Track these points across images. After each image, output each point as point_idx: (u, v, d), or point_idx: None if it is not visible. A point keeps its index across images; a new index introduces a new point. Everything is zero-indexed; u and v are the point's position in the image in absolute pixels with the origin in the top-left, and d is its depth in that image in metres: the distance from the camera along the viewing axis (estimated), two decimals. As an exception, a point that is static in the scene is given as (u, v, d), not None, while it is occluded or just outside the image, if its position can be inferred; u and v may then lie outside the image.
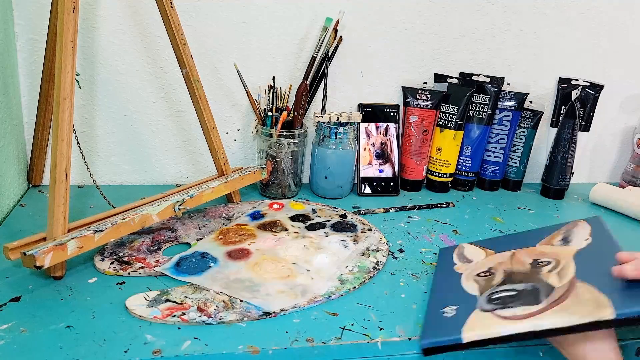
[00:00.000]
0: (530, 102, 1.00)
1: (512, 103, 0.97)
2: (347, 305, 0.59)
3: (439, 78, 0.96)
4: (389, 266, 0.69)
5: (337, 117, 0.88)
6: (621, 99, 1.08)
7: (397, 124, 0.94)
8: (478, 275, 0.59)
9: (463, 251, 0.68)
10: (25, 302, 0.55)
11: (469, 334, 0.49)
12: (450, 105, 0.94)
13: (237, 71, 0.84)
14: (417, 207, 0.89)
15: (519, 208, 0.94)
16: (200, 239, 0.70)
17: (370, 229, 0.77)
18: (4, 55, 0.73)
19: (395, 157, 0.94)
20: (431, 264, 0.70)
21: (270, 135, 0.84)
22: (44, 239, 0.57)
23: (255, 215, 0.78)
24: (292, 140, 0.85)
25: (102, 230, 0.59)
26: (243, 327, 0.54)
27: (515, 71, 1.00)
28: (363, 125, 0.93)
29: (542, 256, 0.57)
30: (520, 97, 0.96)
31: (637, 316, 0.44)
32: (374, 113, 0.93)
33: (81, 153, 0.74)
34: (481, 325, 0.49)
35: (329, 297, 0.59)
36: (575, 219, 0.63)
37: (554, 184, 0.99)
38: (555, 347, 0.52)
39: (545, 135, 1.04)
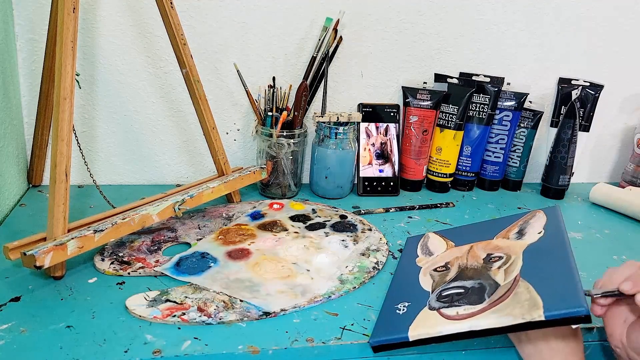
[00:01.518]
0: (530, 102, 1.00)
1: (512, 103, 0.97)
2: (347, 305, 0.59)
3: (439, 78, 0.96)
4: (389, 266, 0.69)
5: (337, 117, 0.88)
6: (621, 99, 1.08)
7: (397, 124, 0.94)
8: (435, 270, 0.59)
9: (427, 242, 0.68)
10: (25, 302, 0.55)
11: (414, 333, 0.49)
12: (450, 105, 0.94)
13: (237, 71, 0.84)
14: (417, 207, 0.89)
15: (519, 208, 0.94)
16: (200, 239, 0.70)
17: (370, 229, 0.77)
18: (4, 55, 0.73)
19: (395, 157, 0.94)
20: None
21: (270, 135, 0.84)
22: (44, 239, 0.57)
23: (255, 215, 0.78)
24: (292, 140, 0.85)
25: (102, 230, 0.59)
26: (243, 327, 0.54)
27: (515, 71, 1.00)
28: (363, 125, 0.93)
29: (496, 251, 0.58)
30: (520, 97, 0.96)
31: (566, 317, 0.44)
32: (374, 113, 0.93)
33: (81, 153, 0.74)
34: (426, 325, 0.50)
35: (329, 297, 0.60)
36: (535, 209, 0.63)
37: (554, 184, 0.99)
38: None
39: (545, 135, 1.04)
